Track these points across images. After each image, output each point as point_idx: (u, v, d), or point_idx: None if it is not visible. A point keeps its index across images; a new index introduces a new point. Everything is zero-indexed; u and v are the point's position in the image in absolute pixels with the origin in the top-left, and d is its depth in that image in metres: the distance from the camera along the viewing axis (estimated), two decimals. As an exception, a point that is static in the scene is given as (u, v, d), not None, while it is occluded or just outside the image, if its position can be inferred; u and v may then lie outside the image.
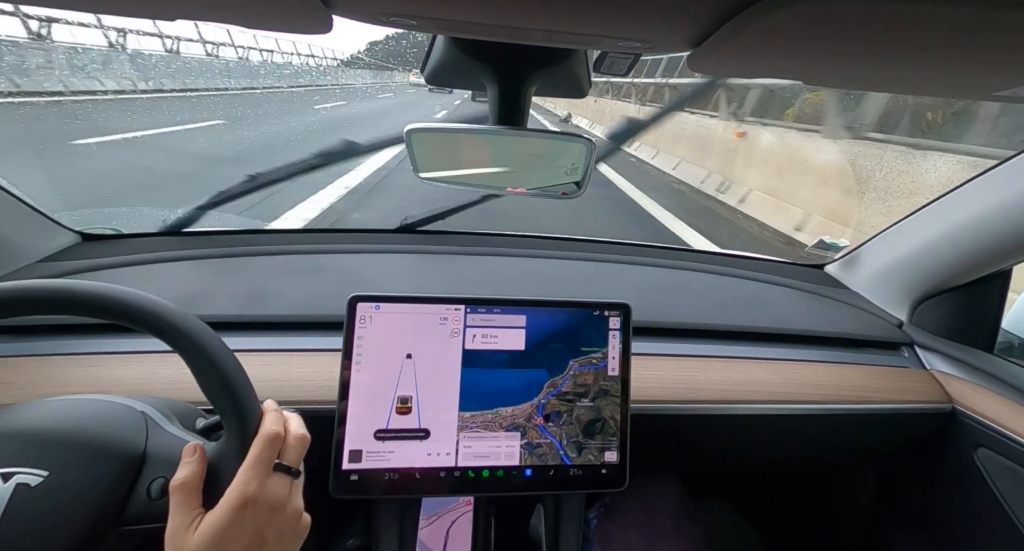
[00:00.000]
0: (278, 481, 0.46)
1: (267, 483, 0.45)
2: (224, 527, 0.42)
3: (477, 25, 0.37)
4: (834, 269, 1.21)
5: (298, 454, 0.48)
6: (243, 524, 0.43)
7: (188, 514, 0.43)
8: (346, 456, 0.66)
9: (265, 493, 0.44)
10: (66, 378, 0.68)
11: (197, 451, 0.45)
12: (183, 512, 0.43)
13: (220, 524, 0.42)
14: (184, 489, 0.43)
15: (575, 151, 0.63)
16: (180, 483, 0.44)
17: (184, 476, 0.44)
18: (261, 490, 0.44)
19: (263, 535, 0.44)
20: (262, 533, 0.44)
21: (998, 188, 0.82)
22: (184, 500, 0.43)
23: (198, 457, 0.45)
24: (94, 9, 0.40)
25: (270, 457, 0.46)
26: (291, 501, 0.47)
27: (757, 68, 0.42)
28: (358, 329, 0.68)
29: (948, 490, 0.93)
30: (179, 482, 0.44)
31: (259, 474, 0.44)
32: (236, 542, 0.42)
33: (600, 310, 0.74)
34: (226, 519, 0.42)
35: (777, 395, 0.85)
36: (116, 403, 0.49)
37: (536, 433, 0.71)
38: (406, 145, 0.64)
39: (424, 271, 1.03)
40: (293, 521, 0.47)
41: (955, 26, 0.27)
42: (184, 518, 0.42)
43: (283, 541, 0.46)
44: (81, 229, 0.99)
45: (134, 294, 0.43)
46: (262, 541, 0.44)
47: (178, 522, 0.42)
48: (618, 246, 1.21)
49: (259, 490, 0.44)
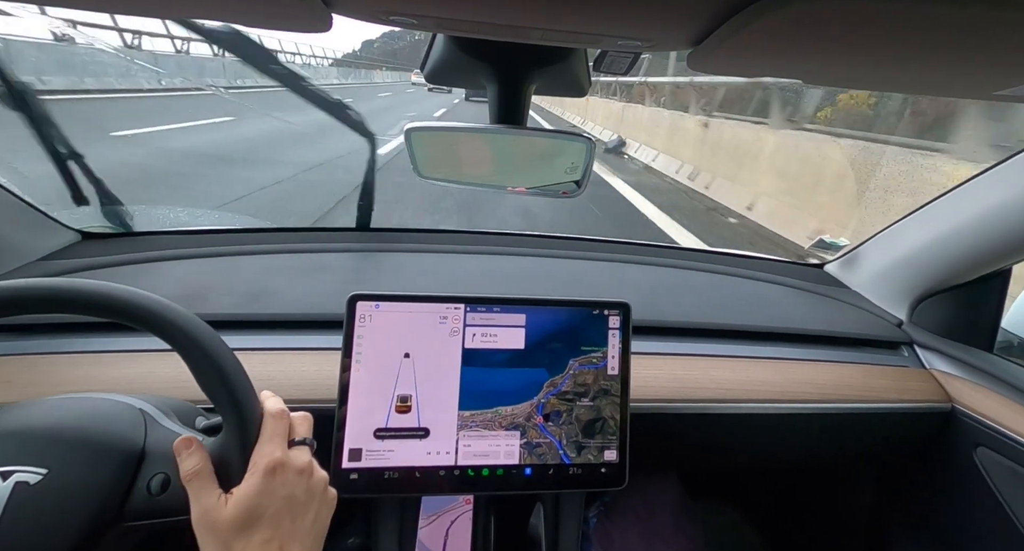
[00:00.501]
0: (299, 451, 0.47)
1: (289, 452, 0.46)
2: (258, 492, 0.43)
3: (477, 24, 0.37)
4: (834, 268, 1.21)
5: (307, 429, 0.50)
6: (275, 488, 0.44)
7: (211, 494, 0.43)
8: (346, 455, 0.66)
9: (290, 458, 0.46)
10: (65, 377, 0.68)
11: (192, 443, 0.45)
12: (206, 494, 0.43)
13: (254, 491, 0.43)
14: (199, 476, 0.44)
15: (575, 150, 0.63)
16: (193, 471, 0.44)
17: (194, 464, 0.44)
18: (286, 455, 0.46)
19: (295, 496, 0.45)
20: (294, 495, 0.45)
21: (998, 188, 0.82)
22: (202, 485, 0.44)
23: (196, 447, 0.45)
24: (97, 8, 0.40)
25: (283, 431, 0.47)
26: (316, 468, 0.48)
27: (757, 67, 0.42)
28: (358, 328, 0.68)
29: (948, 489, 0.93)
30: (191, 471, 0.44)
31: (279, 445, 0.46)
32: (271, 505, 0.43)
33: (600, 309, 0.74)
34: (258, 485, 0.43)
35: (777, 394, 0.85)
36: (114, 401, 0.50)
37: (536, 432, 0.71)
38: (406, 145, 0.64)
39: (424, 270, 1.03)
40: (321, 486, 0.48)
41: (955, 26, 0.27)
42: (209, 498, 0.43)
43: (314, 504, 0.47)
44: (81, 227, 0.99)
45: (133, 292, 0.43)
46: (296, 502, 0.45)
47: (204, 503, 0.43)
48: (618, 245, 1.21)
49: (284, 455, 0.45)
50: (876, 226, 1.08)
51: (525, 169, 0.67)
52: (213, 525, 0.42)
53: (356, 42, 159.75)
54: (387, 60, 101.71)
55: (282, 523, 0.44)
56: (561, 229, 3.76)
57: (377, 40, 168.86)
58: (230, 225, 1.11)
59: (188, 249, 0.99)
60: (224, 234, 1.07)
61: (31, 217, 0.89)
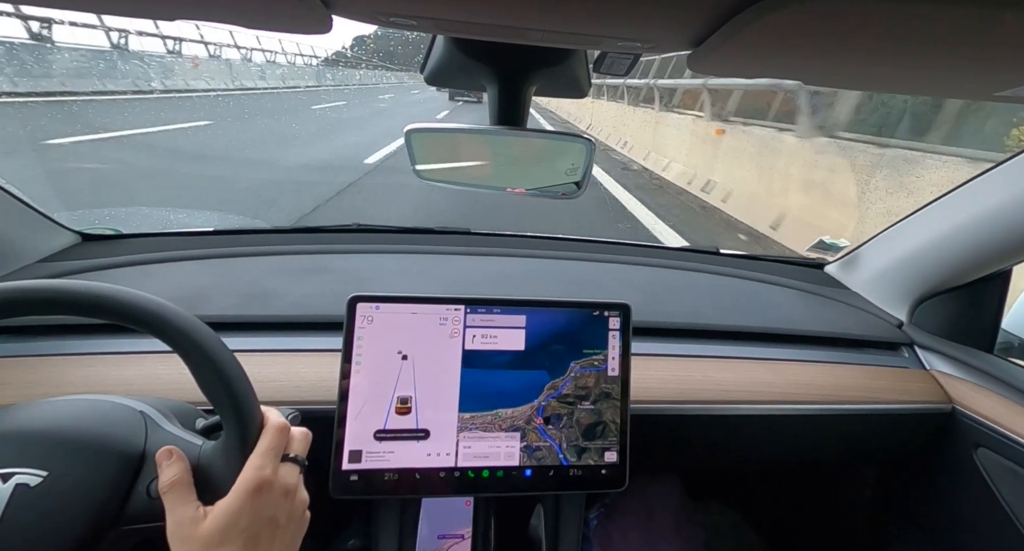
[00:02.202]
0: (289, 469, 0.47)
1: (279, 470, 0.46)
2: (239, 510, 0.42)
3: (477, 25, 0.37)
4: (834, 269, 1.21)
5: (303, 447, 0.50)
6: (258, 507, 0.43)
7: (188, 507, 0.43)
8: (346, 456, 0.66)
9: (279, 478, 0.45)
10: (65, 378, 0.68)
11: (173, 454, 0.45)
12: (182, 507, 0.43)
13: (235, 508, 0.42)
14: (176, 486, 0.43)
15: (575, 151, 0.63)
16: (171, 482, 0.43)
17: (172, 474, 0.44)
18: (275, 475, 0.45)
19: (276, 519, 0.45)
20: (276, 517, 0.44)
21: (998, 188, 0.82)
22: (179, 496, 0.43)
23: (176, 458, 0.45)
24: (94, 9, 0.40)
25: (280, 446, 0.47)
26: (300, 491, 0.48)
27: (757, 68, 0.42)
28: (358, 329, 0.68)
29: (948, 490, 0.93)
30: (169, 481, 0.43)
31: (271, 461, 0.45)
32: (251, 525, 0.43)
33: (600, 310, 0.74)
34: (241, 502, 0.43)
35: (777, 395, 0.85)
36: (115, 403, 0.49)
37: (536, 436, 0.71)
38: (406, 145, 0.64)
39: (424, 271, 1.03)
40: (301, 509, 0.48)
41: (955, 26, 0.27)
42: (185, 511, 0.43)
43: (292, 527, 0.46)
44: (81, 229, 0.99)
45: (133, 294, 0.43)
46: (275, 524, 0.44)
47: (179, 516, 0.42)
48: (618, 246, 1.21)
49: (273, 475, 0.45)
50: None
51: (525, 170, 0.67)
52: (186, 538, 0.42)
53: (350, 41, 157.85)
54: (383, 61, 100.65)
55: (258, 543, 0.43)
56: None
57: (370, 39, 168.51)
58: (230, 226, 1.11)
59: (187, 251, 0.99)
60: (224, 235, 1.07)
61: (31, 218, 0.89)
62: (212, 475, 0.45)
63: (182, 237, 1.04)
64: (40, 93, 8.60)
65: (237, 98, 15.03)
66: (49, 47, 9.90)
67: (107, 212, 3.61)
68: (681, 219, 5.62)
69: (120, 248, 0.97)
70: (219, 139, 8.09)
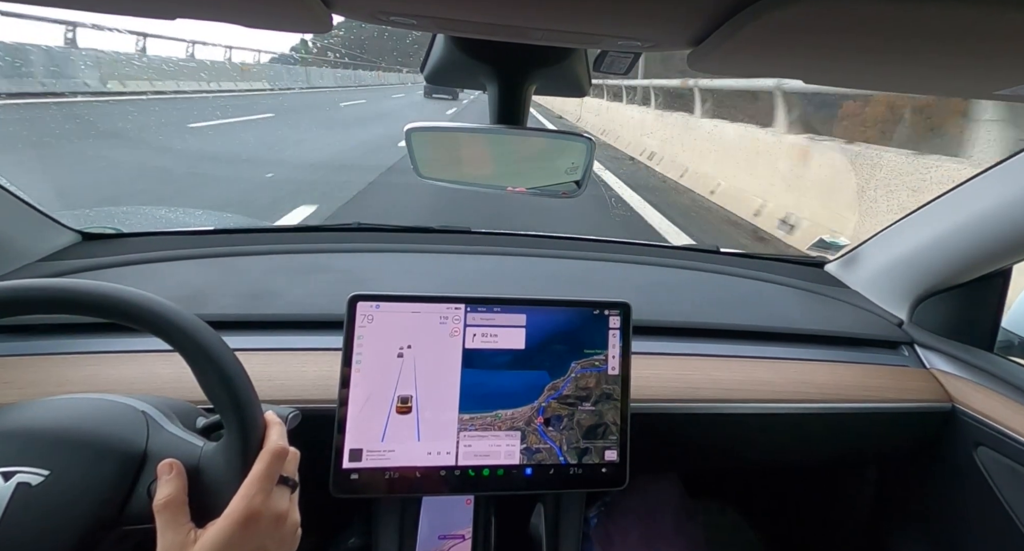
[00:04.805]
0: (280, 494, 0.46)
1: (271, 496, 0.45)
2: (228, 541, 0.42)
3: (477, 24, 0.37)
4: (834, 268, 1.21)
5: (295, 467, 0.49)
6: (248, 538, 0.43)
7: (179, 531, 0.42)
8: (346, 455, 0.66)
9: (269, 506, 0.44)
10: (66, 377, 0.69)
11: (174, 468, 0.44)
12: (173, 530, 0.42)
13: (224, 538, 0.42)
14: (170, 507, 0.43)
15: (575, 150, 0.63)
16: (165, 501, 0.43)
17: (167, 494, 0.43)
18: (266, 503, 0.44)
19: (265, 547, 0.44)
20: (265, 546, 0.44)
21: (998, 187, 0.82)
22: (172, 518, 0.42)
23: (175, 474, 0.44)
24: (94, 8, 0.40)
25: (276, 473, 0.46)
26: (291, 513, 0.47)
27: (757, 67, 0.42)
28: (358, 328, 0.68)
29: (948, 489, 0.93)
30: (164, 501, 0.43)
31: (264, 488, 0.44)
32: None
33: (600, 309, 0.74)
34: (230, 533, 0.42)
35: (777, 394, 0.85)
36: (116, 402, 0.49)
37: (536, 438, 0.70)
38: (406, 145, 0.64)
39: (424, 270, 1.03)
40: (292, 531, 0.47)
41: (955, 25, 0.27)
42: (176, 535, 0.42)
43: (282, 550, 0.46)
44: (81, 228, 0.99)
45: (134, 293, 0.44)
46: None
47: (169, 541, 0.41)
48: (618, 245, 1.21)
49: (264, 503, 0.44)
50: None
51: (525, 169, 0.67)
52: None
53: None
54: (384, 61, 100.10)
55: None
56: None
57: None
58: (229, 226, 1.11)
59: (188, 250, 0.99)
60: (224, 234, 1.07)
61: (32, 218, 0.89)
62: (212, 477, 0.45)
63: (183, 236, 1.04)
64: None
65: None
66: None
67: (107, 211, 3.62)
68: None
69: (121, 247, 0.97)
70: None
